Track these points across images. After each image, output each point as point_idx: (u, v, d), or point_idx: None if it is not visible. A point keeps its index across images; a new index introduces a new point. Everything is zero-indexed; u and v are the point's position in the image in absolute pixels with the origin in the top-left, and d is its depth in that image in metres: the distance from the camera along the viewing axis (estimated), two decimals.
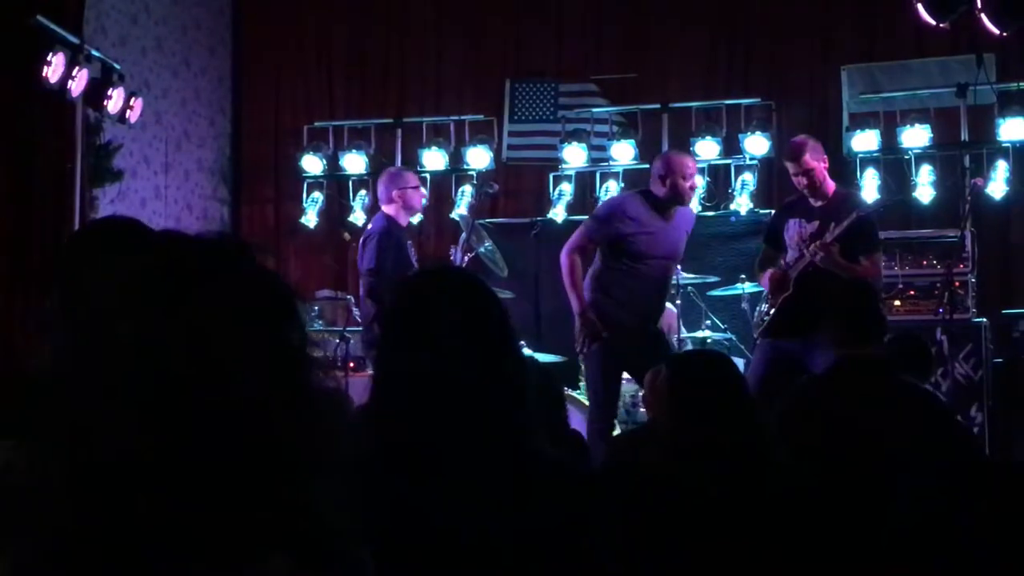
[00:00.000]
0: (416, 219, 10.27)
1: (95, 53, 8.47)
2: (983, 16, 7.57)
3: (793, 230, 6.90)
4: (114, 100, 8.57)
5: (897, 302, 8.66)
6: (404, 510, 2.20)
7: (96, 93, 8.42)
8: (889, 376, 4.64)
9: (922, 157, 9.50)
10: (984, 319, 8.49)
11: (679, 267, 8.04)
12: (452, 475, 2.25)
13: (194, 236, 1.45)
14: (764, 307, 7.10)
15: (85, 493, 1.29)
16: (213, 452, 1.31)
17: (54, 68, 7.84)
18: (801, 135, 7.31)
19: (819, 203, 6.89)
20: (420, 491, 2.23)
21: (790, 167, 6.97)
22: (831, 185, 6.97)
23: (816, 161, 6.87)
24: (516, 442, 2.32)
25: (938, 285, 8.00)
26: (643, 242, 6.98)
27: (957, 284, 8.15)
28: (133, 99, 8.81)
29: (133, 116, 8.90)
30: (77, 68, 8.06)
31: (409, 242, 7.91)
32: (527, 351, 8.58)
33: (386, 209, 7.85)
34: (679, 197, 7.06)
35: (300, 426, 1.37)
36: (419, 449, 2.27)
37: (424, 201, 8.45)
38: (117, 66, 8.77)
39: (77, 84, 8.10)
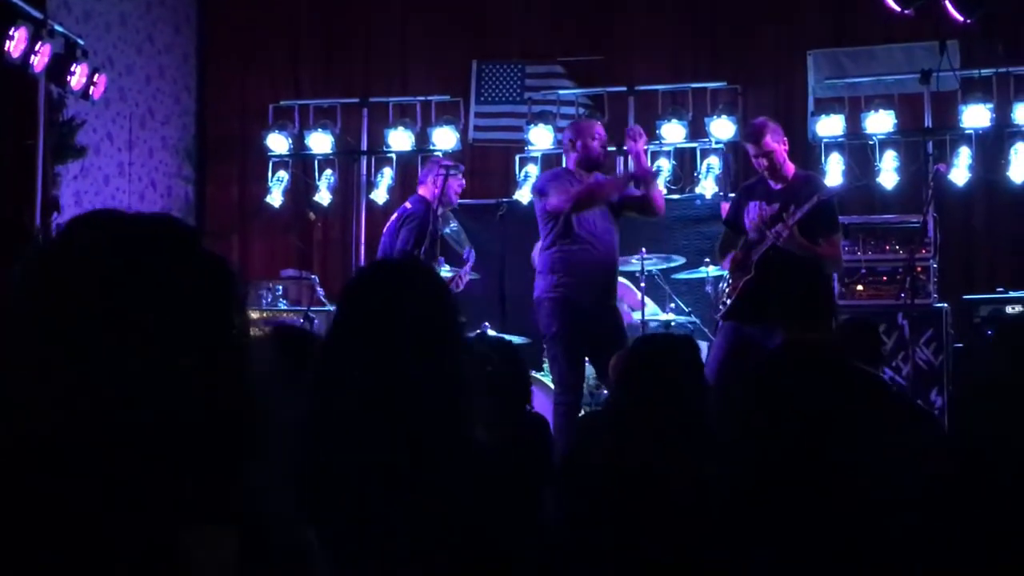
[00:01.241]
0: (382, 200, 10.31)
1: (58, 28, 8.40)
2: (947, 3, 7.61)
3: (754, 212, 6.89)
4: (77, 76, 8.50)
5: (859, 287, 8.71)
6: (339, 489, 2.25)
7: (59, 69, 8.36)
8: (837, 360, 4.61)
9: (886, 143, 9.55)
10: (945, 304, 8.55)
11: (643, 250, 8.09)
12: (387, 459, 2.28)
13: (140, 218, 1.45)
14: (724, 286, 7.11)
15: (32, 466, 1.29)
16: (155, 429, 1.32)
17: (16, 43, 7.78)
18: (761, 117, 7.32)
19: (779, 185, 6.90)
20: (354, 473, 2.27)
21: (750, 149, 6.98)
22: (791, 167, 6.99)
23: (776, 143, 6.88)
24: (453, 429, 2.34)
25: (900, 270, 8.05)
26: (584, 215, 7.06)
27: (919, 269, 8.21)
28: (97, 75, 8.75)
29: (97, 92, 8.84)
30: (40, 43, 7.99)
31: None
32: (491, 332, 8.60)
33: (422, 192, 8.15)
34: (592, 158, 7.18)
35: (242, 406, 1.39)
36: (355, 430, 2.30)
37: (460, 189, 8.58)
38: (81, 42, 8.70)
39: (40, 59, 8.03)
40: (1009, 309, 8.36)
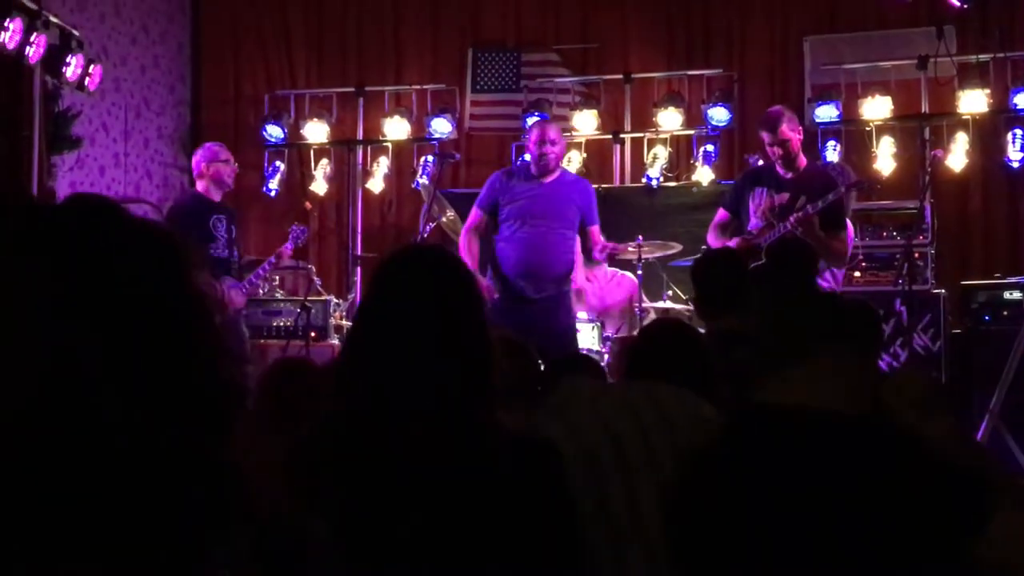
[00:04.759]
0: (378, 189, 10.28)
1: (53, 19, 8.37)
2: None
3: (760, 199, 6.87)
4: (73, 67, 8.48)
5: (857, 273, 8.73)
6: (361, 477, 2.27)
7: (54, 60, 8.33)
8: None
9: (883, 128, 9.54)
10: (942, 290, 8.55)
11: (640, 238, 8.03)
12: (408, 443, 2.30)
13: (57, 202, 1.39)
14: None
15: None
16: (123, 410, 1.26)
17: (11, 34, 7.75)
18: (777, 105, 7.31)
19: (790, 175, 6.86)
20: (376, 460, 2.29)
21: (766, 137, 6.92)
22: (804, 158, 6.97)
23: (792, 132, 6.85)
24: (471, 413, 2.37)
25: (897, 256, 8.05)
26: (518, 205, 7.11)
27: (916, 255, 8.21)
28: (92, 66, 8.72)
29: (92, 83, 8.81)
30: (35, 34, 7.97)
31: (221, 217, 7.66)
32: None
33: (197, 185, 7.75)
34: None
35: (211, 376, 1.35)
36: (376, 416, 2.33)
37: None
38: (75, 32, 8.67)
39: (35, 50, 8.01)
40: (1007, 295, 8.36)
